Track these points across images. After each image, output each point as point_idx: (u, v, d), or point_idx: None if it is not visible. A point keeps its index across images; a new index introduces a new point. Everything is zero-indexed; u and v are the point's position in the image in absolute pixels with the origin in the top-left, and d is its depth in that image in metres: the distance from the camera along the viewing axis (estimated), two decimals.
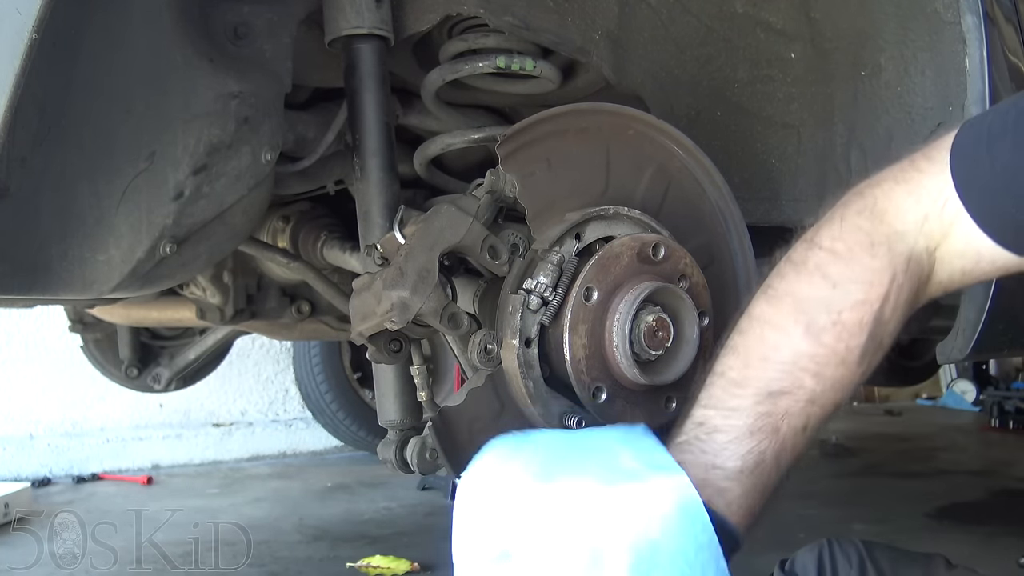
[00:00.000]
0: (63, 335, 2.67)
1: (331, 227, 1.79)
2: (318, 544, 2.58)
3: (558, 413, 1.14)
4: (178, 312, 2.17)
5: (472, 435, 1.13)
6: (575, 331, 1.08)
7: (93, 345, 2.50)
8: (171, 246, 1.11)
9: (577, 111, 1.20)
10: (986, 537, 2.60)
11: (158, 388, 2.53)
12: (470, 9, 1.26)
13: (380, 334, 1.16)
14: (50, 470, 3.77)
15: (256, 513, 3.03)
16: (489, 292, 1.21)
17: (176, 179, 1.08)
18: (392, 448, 1.23)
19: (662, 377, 1.13)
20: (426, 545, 2.54)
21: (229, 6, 1.17)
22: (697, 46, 1.41)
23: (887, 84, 1.35)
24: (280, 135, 1.20)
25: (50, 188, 1.02)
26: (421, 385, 1.20)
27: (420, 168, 1.58)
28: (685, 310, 1.15)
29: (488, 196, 1.13)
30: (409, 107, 1.55)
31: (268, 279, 2.05)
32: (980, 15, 1.23)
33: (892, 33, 1.33)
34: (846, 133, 1.41)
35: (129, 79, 1.04)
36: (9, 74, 0.87)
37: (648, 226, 1.20)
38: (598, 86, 1.50)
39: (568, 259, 1.11)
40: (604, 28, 1.34)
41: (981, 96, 1.24)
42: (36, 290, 1.04)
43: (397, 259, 1.08)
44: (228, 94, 1.11)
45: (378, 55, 1.26)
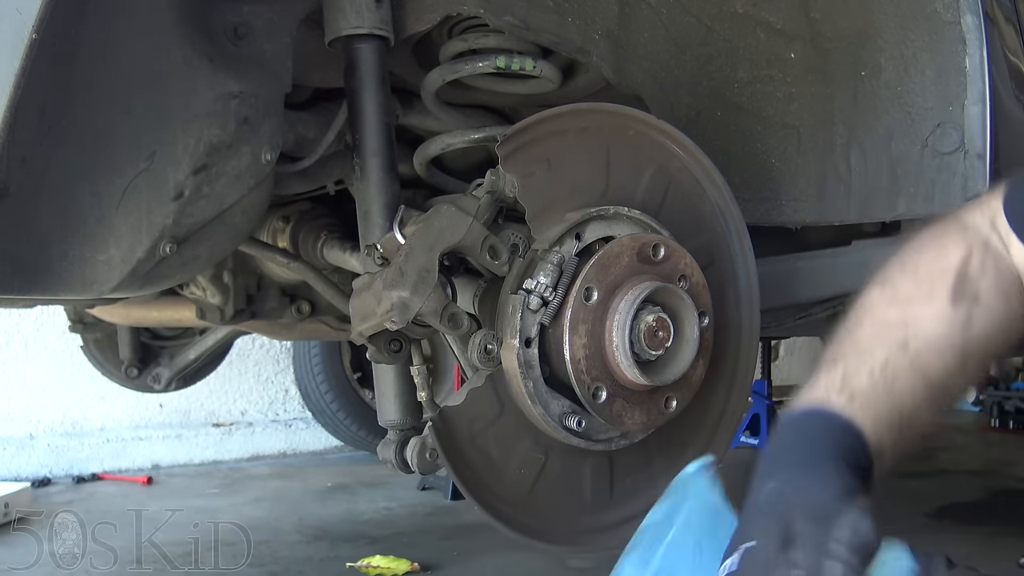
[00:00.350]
0: (63, 335, 2.67)
1: (331, 227, 1.79)
2: (318, 544, 2.58)
3: (558, 413, 1.14)
4: (178, 312, 2.16)
5: (472, 435, 1.14)
6: (575, 331, 1.08)
7: (93, 345, 2.50)
8: (171, 246, 1.11)
9: (577, 111, 1.20)
10: (986, 537, 2.61)
11: (158, 388, 2.53)
12: (470, 9, 1.26)
13: (380, 334, 1.16)
14: (50, 470, 3.76)
15: (256, 513, 3.03)
16: (489, 292, 1.21)
17: (176, 179, 1.08)
18: (392, 448, 1.23)
19: (662, 377, 1.14)
20: (426, 545, 2.54)
21: (229, 6, 1.17)
22: (697, 46, 1.41)
23: (887, 84, 1.35)
24: (280, 135, 1.19)
25: (50, 188, 1.02)
26: (421, 385, 1.20)
27: (420, 168, 1.58)
28: (685, 310, 1.15)
29: (488, 196, 1.13)
30: (409, 107, 1.55)
31: (268, 279, 2.04)
32: (980, 15, 1.24)
33: (892, 33, 1.33)
34: (846, 133, 1.41)
35: (129, 79, 1.04)
36: (9, 74, 0.87)
37: (648, 226, 1.20)
38: (598, 86, 1.50)
39: (568, 259, 1.11)
40: (604, 28, 1.34)
41: (981, 96, 1.24)
42: (36, 290, 1.04)
43: (397, 259, 1.08)
44: (228, 94, 1.10)
45: (378, 55, 1.26)
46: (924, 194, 1.33)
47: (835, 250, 1.61)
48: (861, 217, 1.42)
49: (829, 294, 1.65)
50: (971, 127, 1.26)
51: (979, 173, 1.26)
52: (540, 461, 1.18)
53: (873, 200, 1.39)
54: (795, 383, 6.33)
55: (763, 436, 4.17)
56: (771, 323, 1.82)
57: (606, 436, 1.19)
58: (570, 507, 1.21)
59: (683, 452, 1.31)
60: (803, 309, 1.79)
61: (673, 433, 1.28)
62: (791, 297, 1.64)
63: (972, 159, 1.26)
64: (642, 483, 1.27)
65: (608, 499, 1.24)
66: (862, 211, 1.41)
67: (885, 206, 1.38)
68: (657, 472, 1.28)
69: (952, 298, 0.83)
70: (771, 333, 2.94)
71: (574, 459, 1.20)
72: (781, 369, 5.96)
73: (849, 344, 0.83)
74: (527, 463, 1.17)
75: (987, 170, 1.25)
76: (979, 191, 1.26)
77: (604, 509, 1.24)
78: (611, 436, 1.19)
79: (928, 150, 1.32)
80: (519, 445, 1.16)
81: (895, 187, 1.36)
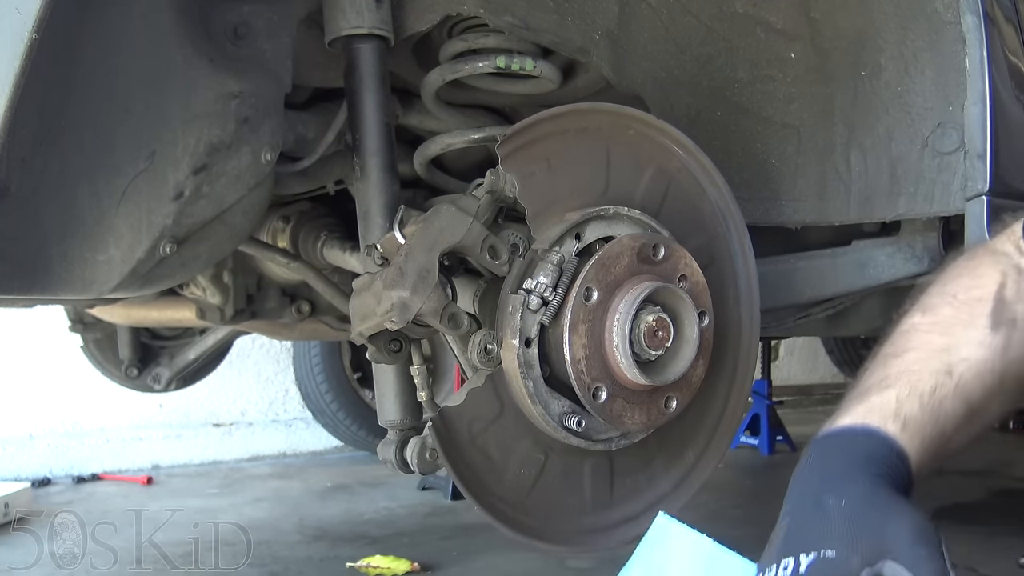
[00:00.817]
0: (63, 335, 2.66)
1: (331, 227, 1.79)
2: (318, 544, 2.57)
3: (558, 413, 1.14)
4: (178, 312, 2.17)
5: (472, 435, 1.14)
6: (575, 331, 1.08)
7: (93, 345, 2.50)
8: (171, 246, 1.11)
9: (577, 111, 1.20)
10: (986, 537, 2.60)
11: (158, 388, 2.53)
12: (470, 9, 1.26)
13: (380, 334, 1.16)
14: (50, 470, 3.76)
15: (256, 513, 3.02)
16: (489, 292, 1.21)
17: (176, 179, 1.08)
18: (392, 448, 1.23)
19: (662, 377, 1.14)
20: (426, 545, 2.54)
21: (229, 6, 1.17)
22: (697, 46, 1.41)
23: (887, 84, 1.35)
24: (280, 135, 1.19)
25: (50, 188, 1.02)
26: (421, 385, 1.20)
27: (420, 168, 1.58)
28: (685, 310, 1.15)
29: (488, 196, 1.13)
30: (409, 107, 1.55)
31: (268, 279, 2.05)
32: (980, 15, 1.23)
33: (892, 33, 1.33)
34: (846, 133, 1.41)
35: (129, 79, 1.04)
36: (9, 74, 0.87)
37: (648, 226, 1.20)
38: (598, 86, 1.50)
39: (568, 259, 1.11)
40: (604, 28, 1.34)
41: (981, 96, 1.24)
42: (36, 290, 1.04)
43: (397, 259, 1.08)
44: (228, 94, 1.11)
45: (378, 55, 1.26)
46: (924, 194, 1.33)
47: (835, 250, 1.62)
48: (861, 217, 1.42)
49: (829, 294, 1.65)
50: (971, 127, 1.26)
51: (979, 173, 1.26)
52: (540, 461, 1.18)
53: (873, 200, 1.39)
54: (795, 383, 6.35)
55: (763, 436, 4.17)
56: (771, 323, 1.82)
57: (606, 436, 1.19)
58: (570, 507, 1.21)
59: (683, 452, 1.31)
60: (803, 309, 1.79)
61: (673, 433, 1.28)
62: (791, 297, 1.64)
63: (972, 159, 1.26)
64: (642, 483, 1.27)
65: (608, 499, 1.24)
66: (862, 211, 1.41)
67: (885, 206, 1.38)
68: (657, 472, 1.28)
69: (992, 324, 0.86)
70: (771, 333, 2.94)
71: (574, 459, 1.20)
72: (781, 369, 5.97)
73: (898, 367, 0.86)
74: (527, 463, 1.17)
75: (987, 170, 1.25)
76: (979, 191, 1.26)
77: (604, 509, 1.24)
78: (611, 436, 1.19)
79: (928, 150, 1.32)
80: (519, 445, 1.16)
81: (895, 187, 1.36)
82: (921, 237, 1.53)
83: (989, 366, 0.86)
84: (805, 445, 0.86)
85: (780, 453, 4.15)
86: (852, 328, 2.04)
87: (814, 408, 6.21)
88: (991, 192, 1.25)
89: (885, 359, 0.89)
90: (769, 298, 1.49)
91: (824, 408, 6.29)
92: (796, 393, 6.19)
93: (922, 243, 1.53)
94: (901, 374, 0.85)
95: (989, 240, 0.98)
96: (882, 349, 0.91)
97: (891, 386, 0.84)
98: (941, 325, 0.88)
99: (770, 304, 1.58)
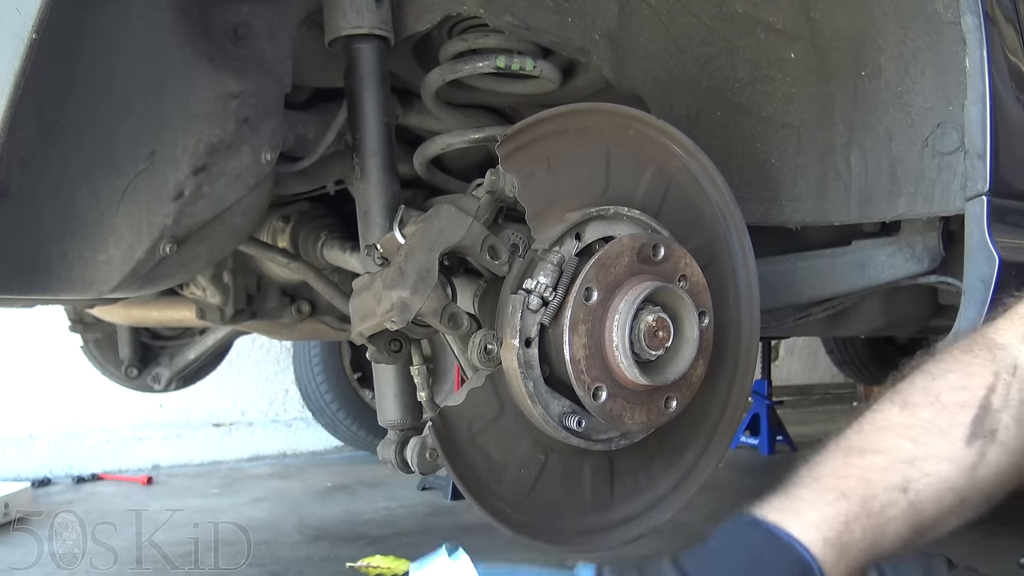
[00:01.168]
0: (63, 335, 2.66)
1: (331, 227, 1.79)
2: (318, 544, 2.57)
3: (558, 413, 1.14)
4: (178, 312, 2.17)
5: (472, 435, 1.14)
6: (575, 331, 1.08)
7: (93, 345, 2.50)
8: (171, 246, 1.11)
9: (577, 111, 1.20)
10: (986, 537, 2.60)
11: (158, 388, 2.53)
12: (470, 9, 1.26)
13: (380, 334, 1.16)
14: (50, 470, 3.76)
15: (256, 513, 3.02)
16: (489, 292, 1.21)
17: (176, 179, 1.08)
18: (392, 448, 1.23)
19: (662, 377, 1.13)
20: (426, 545, 2.53)
21: (229, 6, 1.17)
22: (697, 46, 1.41)
23: (887, 84, 1.35)
24: (280, 135, 1.20)
25: (50, 188, 1.02)
26: (421, 385, 1.20)
27: (420, 168, 1.58)
28: (685, 310, 1.15)
29: (488, 196, 1.13)
30: (409, 107, 1.55)
31: (268, 279, 2.05)
32: (980, 15, 1.23)
33: (892, 33, 1.33)
34: (846, 133, 1.41)
35: (129, 79, 1.04)
36: (9, 74, 0.87)
37: (648, 226, 1.20)
38: (598, 86, 1.50)
39: (568, 259, 1.11)
40: (604, 28, 1.34)
41: (981, 96, 1.24)
42: (36, 290, 1.04)
43: (397, 259, 1.08)
44: (228, 94, 1.11)
45: (378, 55, 1.26)
46: (924, 194, 1.33)
47: (835, 250, 1.61)
48: (861, 217, 1.42)
49: (829, 294, 1.65)
50: (971, 127, 1.26)
51: (979, 173, 1.26)
52: (540, 461, 1.18)
53: (873, 200, 1.39)
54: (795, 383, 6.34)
55: (763, 436, 4.17)
56: (771, 323, 1.82)
57: (606, 436, 1.19)
58: (570, 507, 1.21)
59: (683, 452, 1.31)
60: (803, 309, 1.79)
61: (673, 433, 1.28)
62: (791, 297, 1.64)
63: (972, 159, 1.26)
64: (642, 483, 1.27)
65: (608, 499, 1.24)
66: (862, 211, 1.41)
67: (885, 206, 1.38)
68: (657, 472, 1.28)
69: (968, 436, 0.84)
70: (771, 333, 2.94)
71: (574, 459, 1.20)
72: (781, 369, 5.97)
73: (858, 474, 0.84)
74: (527, 463, 1.17)
75: (987, 170, 1.25)
76: (979, 191, 1.26)
77: (604, 509, 1.24)
78: (611, 436, 1.19)
79: (928, 150, 1.32)
80: (519, 445, 1.16)
81: (895, 187, 1.36)
82: (921, 237, 1.53)
83: (950, 484, 0.83)
84: (804, 447, 0.86)
85: (780, 453, 4.15)
86: (852, 328, 2.04)
87: (814, 408, 6.22)
88: (991, 192, 1.25)
89: (849, 453, 0.87)
90: (769, 298, 1.49)
91: (824, 408, 6.30)
92: (796, 393, 6.20)
93: (922, 243, 1.53)
94: (859, 484, 0.83)
95: (988, 327, 0.93)
96: (852, 434, 0.89)
97: (845, 497, 0.82)
98: (915, 430, 0.85)
99: (770, 304, 1.58)
